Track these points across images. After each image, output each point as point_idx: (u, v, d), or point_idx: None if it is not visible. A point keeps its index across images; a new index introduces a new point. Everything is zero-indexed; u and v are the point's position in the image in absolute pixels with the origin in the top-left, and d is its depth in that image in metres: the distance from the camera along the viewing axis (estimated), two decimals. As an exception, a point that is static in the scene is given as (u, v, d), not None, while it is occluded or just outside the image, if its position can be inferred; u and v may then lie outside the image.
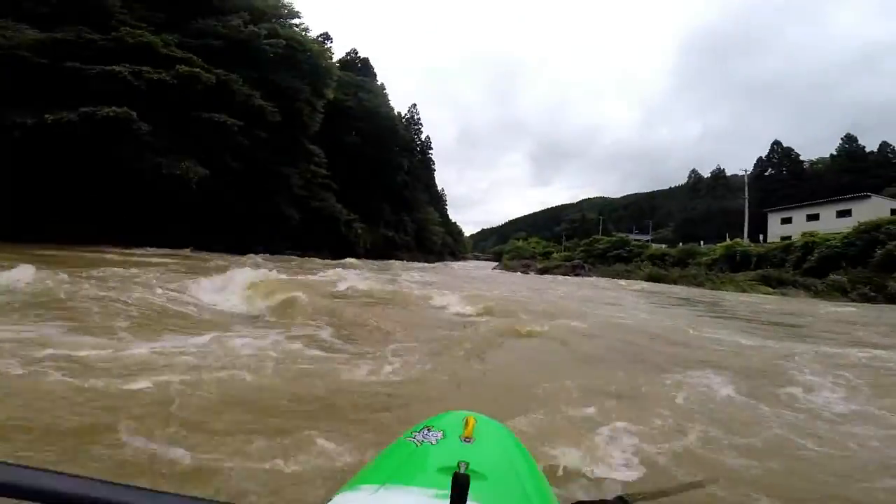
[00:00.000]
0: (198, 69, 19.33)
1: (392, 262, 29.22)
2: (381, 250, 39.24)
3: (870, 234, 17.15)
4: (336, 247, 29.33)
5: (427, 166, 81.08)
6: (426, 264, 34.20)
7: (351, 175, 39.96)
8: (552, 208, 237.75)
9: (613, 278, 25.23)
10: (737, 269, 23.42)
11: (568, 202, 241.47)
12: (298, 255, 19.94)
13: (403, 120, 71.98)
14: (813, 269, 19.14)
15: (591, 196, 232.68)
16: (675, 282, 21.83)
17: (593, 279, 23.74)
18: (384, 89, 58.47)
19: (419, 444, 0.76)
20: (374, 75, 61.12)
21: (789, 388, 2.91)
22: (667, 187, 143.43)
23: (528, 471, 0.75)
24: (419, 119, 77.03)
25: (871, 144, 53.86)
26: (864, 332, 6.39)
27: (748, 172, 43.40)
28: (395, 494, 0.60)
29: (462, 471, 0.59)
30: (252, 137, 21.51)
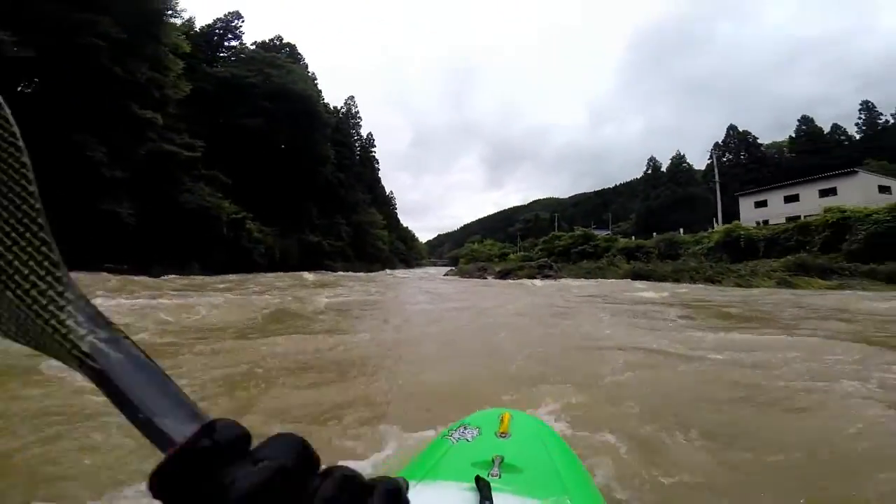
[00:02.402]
0: None
1: (298, 273, 21.43)
2: (301, 260, 31.30)
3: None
4: (220, 257, 21.25)
5: (370, 165, 73.51)
6: (354, 274, 26.91)
7: (255, 168, 31.88)
8: (505, 210, 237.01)
9: (586, 278, 19.61)
10: (740, 258, 18.33)
11: (520, 204, 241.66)
12: (114, 272, 12.08)
13: (339, 113, 64.14)
14: (859, 253, 14.17)
15: (542, 197, 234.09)
16: (675, 279, 16.20)
17: (567, 281, 17.68)
18: (315, 78, 50.24)
19: (455, 442, 0.77)
20: (305, 66, 52.50)
21: None
22: (613, 184, 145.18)
23: (565, 463, 0.75)
24: (357, 113, 69.31)
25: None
26: None
27: (713, 154, 39.89)
28: (431, 489, 0.62)
29: (497, 465, 0.65)
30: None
